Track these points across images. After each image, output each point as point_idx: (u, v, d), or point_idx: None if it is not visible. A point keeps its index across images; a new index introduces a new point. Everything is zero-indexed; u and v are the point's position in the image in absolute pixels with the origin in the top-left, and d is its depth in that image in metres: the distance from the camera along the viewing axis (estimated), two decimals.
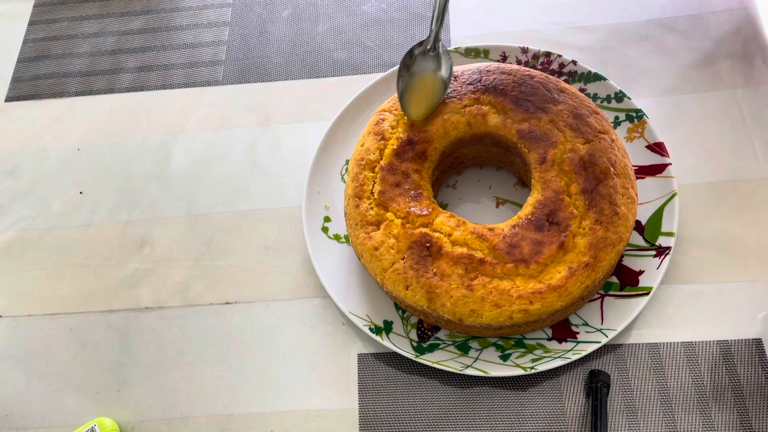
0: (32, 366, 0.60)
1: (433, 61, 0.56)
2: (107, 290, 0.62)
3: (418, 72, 0.56)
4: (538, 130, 0.54)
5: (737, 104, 0.62)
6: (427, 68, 0.56)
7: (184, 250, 0.63)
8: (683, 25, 0.67)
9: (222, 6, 0.76)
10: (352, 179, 0.56)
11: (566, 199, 0.51)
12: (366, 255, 0.53)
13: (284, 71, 0.71)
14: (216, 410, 0.56)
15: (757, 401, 0.51)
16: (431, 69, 0.56)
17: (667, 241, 0.55)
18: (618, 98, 0.61)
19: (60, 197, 0.67)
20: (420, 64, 0.56)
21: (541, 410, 0.53)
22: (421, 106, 0.55)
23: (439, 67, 0.56)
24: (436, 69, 0.56)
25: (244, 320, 0.59)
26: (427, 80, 0.56)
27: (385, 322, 0.56)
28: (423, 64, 0.56)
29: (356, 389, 0.55)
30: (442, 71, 0.56)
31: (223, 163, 0.67)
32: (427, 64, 0.56)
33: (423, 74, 0.56)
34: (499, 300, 0.49)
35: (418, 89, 0.56)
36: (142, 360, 0.59)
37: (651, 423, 0.52)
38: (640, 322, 0.55)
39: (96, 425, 0.55)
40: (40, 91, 0.74)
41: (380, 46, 0.71)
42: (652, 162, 0.58)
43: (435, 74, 0.56)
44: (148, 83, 0.72)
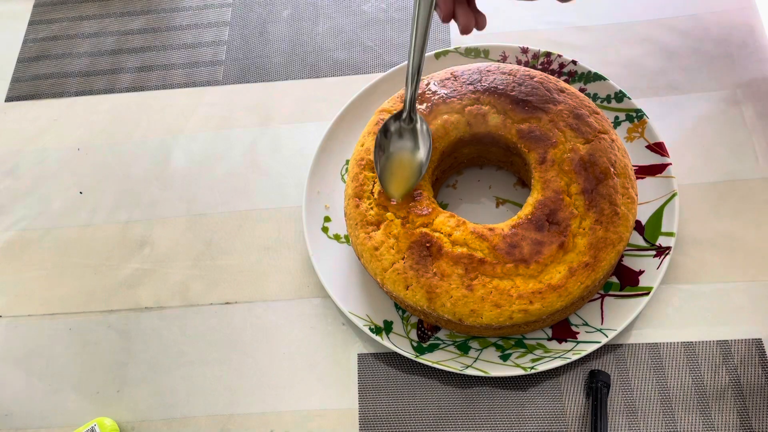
0: (32, 366, 0.60)
1: (410, 138, 0.53)
2: (107, 290, 0.62)
3: (395, 153, 0.53)
4: (538, 130, 0.54)
5: (737, 104, 0.62)
6: (403, 147, 0.53)
7: (184, 250, 0.63)
8: (683, 25, 0.67)
9: (222, 6, 0.76)
10: (352, 179, 0.56)
11: (566, 199, 0.51)
12: (366, 255, 0.53)
13: (284, 71, 0.71)
14: (216, 410, 0.56)
15: (757, 401, 0.51)
16: (408, 148, 0.53)
17: (667, 241, 0.55)
18: (618, 98, 0.61)
19: (60, 197, 0.67)
20: (396, 143, 0.53)
21: (541, 410, 0.53)
22: (401, 186, 0.52)
23: (416, 146, 0.53)
24: (413, 148, 0.53)
25: (244, 320, 0.59)
26: (405, 160, 0.53)
27: (385, 322, 0.56)
28: (399, 143, 0.53)
29: (356, 389, 0.55)
30: (420, 151, 0.53)
31: (223, 163, 0.67)
32: (404, 143, 0.53)
33: (400, 154, 0.53)
34: (499, 300, 0.49)
35: (397, 169, 0.53)
36: (142, 360, 0.59)
37: (651, 423, 0.52)
38: (640, 322, 0.55)
39: (96, 425, 0.55)
40: (40, 91, 0.74)
41: (380, 46, 0.71)
42: (652, 162, 0.58)
43: (413, 154, 0.53)
44: (148, 83, 0.72)
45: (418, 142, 0.53)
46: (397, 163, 0.53)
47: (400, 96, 0.58)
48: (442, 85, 0.57)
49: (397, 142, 0.53)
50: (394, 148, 0.53)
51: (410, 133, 0.53)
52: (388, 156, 0.53)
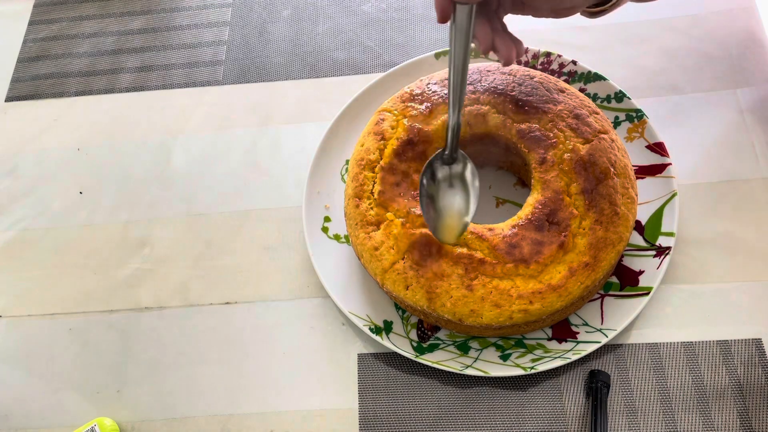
0: (32, 366, 0.60)
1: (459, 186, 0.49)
2: (107, 290, 0.62)
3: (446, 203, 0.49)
4: (538, 130, 0.54)
5: (737, 104, 0.62)
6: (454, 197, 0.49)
7: (184, 250, 0.63)
8: (683, 25, 0.67)
9: (222, 6, 0.76)
10: (352, 179, 0.56)
11: (566, 199, 0.51)
12: (366, 255, 0.53)
13: (284, 71, 0.71)
14: (216, 410, 0.56)
15: (757, 401, 0.51)
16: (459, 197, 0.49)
17: (667, 241, 0.55)
18: (618, 98, 0.61)
19: (60, 197, 0.67)
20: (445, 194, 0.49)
21: (541, 410, 0.53)
22: (454, 234, 0.50)
23: (466, 193, 0.49)
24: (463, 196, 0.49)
25: (244, 320, 0.59)
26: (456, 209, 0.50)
27: (385, 322, 0.56)
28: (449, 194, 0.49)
29: (356, 389, 0.55)
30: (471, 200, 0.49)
31: (223, 163, 0.67)
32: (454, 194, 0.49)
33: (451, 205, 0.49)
34: (499, 300, 0.49)
35: (449, 219, 0.49)
36: (142, 360, 0.59)
37: (651, 423, 0.52)
38: (640, 322, 0.55)
39: (96, 425, 0.55)
40: (40, 91, 0.74)
41: (380, 46, 0.71)
42: (652, 162, 0.58)
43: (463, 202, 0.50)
44: (148, 83, 0.72)
45: (468, 190, 0.50)
46: (448, 212, 0.50)
47: (400, 96, 0.58)
48: (442, 85, 0.57)
49: (447, 192, 0.50)
50: (444, 200, 0.50)
51: (459, 180, 0.50)
52: (439, 208, 0.50)
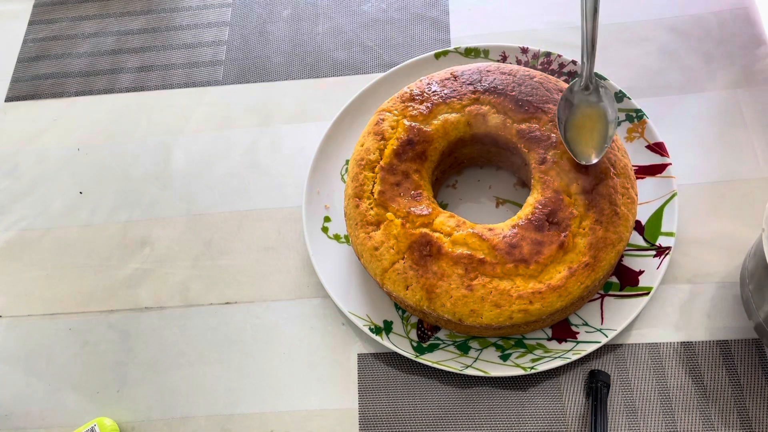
0: (32, 366, 0.60)
1: (596, 97, 0.53)
2: (107, 290, 0.62)
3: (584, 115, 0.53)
4: (538, 130, 0.54)
5: (737, 104, 0.62)
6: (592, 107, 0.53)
7: (184, 250, 0.63)
8: (683, 25, 0.67)
9: (222, 6, 0.76)
10: (352, 179, 0.56)
11: (566, 199, 0.51)
12: (366, 255, 0.53)
13: (284, 71, 0.71)
14: (216, 410, 0.56)
15: (757, 401, 0.51)
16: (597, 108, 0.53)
17: (667, 241, 0.55)
18: (618, 98, 0.61)
19: (60, 197, 0.67)
20: (583, 106, 0.53)
21: (541, 410, 0.53)
22: (595, 147, 0.52)
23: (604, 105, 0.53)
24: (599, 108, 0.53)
25: (244, 320, 0.59)
26: (595, 120, 0.52)
27: (385, 322, 0.56)
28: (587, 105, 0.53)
29: (356, 389, 0.55)
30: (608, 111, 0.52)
31: (223, 163, 0.67)
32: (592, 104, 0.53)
33: (590, 115, 0.52)
34: (499, 300, 0.49)
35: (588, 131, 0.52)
36: (142, 360, 0.59)
37: (651, 423, 0.52)
38: (640, 322, 0.55)
39: (96, 425, 0.55)
40: (40, 91, 0.74)
41: (380, 46, 0.71)
42: (652, 162, 0.58)
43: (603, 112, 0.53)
44: (148, 83, 0.72)
45: (605, 103, 0.53)
46: (588, 125, 0.52)
47: (400, 96, 0.58)
48: (442, 85, 0.57)
49: (585, 105, 0.53)
50: (582, 110, 0.53)
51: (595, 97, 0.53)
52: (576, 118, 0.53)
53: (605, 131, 0.52)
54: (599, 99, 0.53)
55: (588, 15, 0.50)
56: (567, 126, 0.52)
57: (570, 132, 0.52)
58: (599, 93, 0.53)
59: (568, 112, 0.53)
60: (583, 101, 0.53)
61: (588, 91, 0.53)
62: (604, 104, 0.53)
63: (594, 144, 0.52)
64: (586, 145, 0.52)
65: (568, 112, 0.53)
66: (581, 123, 0.53)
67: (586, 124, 0.53)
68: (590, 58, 0.52)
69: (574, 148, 0.52)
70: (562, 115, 0.53)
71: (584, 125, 0.53)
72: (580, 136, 0.52)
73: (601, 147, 0.52)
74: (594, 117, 0.53)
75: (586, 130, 0.52)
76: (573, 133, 0.52)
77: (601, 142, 0.52)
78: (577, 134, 0.52)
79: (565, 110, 0.53)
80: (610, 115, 0.53)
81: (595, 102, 0.53)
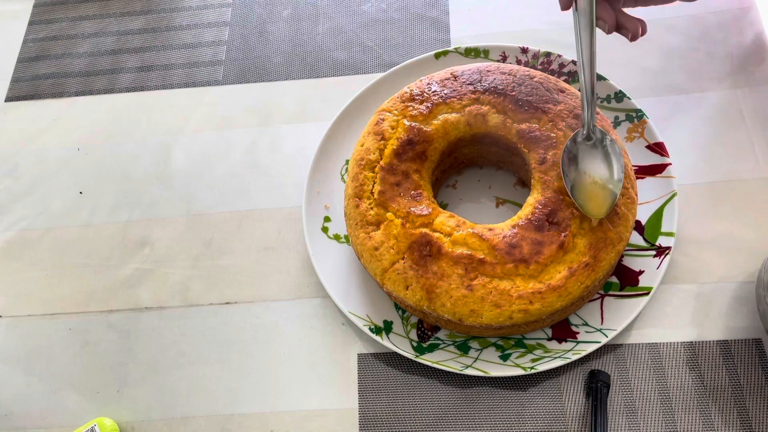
0: (32, 366, 0.60)
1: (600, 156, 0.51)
2: (107, 290, 0.62)
3: (587, 174, 0.51)
4: (538, 130, 0.54)
5: (737, 104, 0.62)
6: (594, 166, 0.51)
7: (184, 250, 0.63)
8: (683, 25, 0.67)
9: (222, 6, 0.76)
10: (352, 179, 0.56)
11: (566, 199, 0.51)
12: (366, 255, 0.53)
13: (284, 71, 0.71)
14: (216, 410, 0.56)
15: (757, 401, 0.51)
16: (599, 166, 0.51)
17: (667, 241, 0.55)
18: (618, 98, 0.61)
19: (60, 197, 0.67)
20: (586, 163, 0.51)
21: (541, 410, 0.53)
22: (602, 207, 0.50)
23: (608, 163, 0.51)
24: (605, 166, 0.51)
25: (244, 320, 0.59)
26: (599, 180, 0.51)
27: (385, 322, 0.56)
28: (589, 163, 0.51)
29: (356, 389, 0.55)
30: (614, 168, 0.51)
31: (223, 163, 0.67)
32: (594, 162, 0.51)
33: (592, 174, 0.51)
34: (499, 300, 0.49)
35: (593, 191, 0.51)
36: (142, 360, 0.59)
37: (651, 423, 0.52)
38: (640, 322, 0.55)
39: (96, 425, 0.55)
40: (40, 91, 0.74)
41: (380, 46, 0.71)
42: (652, 162, 0.58)
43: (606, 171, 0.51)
44: (148, 83, 0.72)
45: (611, 159, 0.51)
46: (594, 186, 0.51)
47: (400, 96, 0.58)
48: (442, 85, 0.57)
49: (589, 160, 0.51)
50: (587, 168, 0.51)
51: (600, 151, 0.52)
52: (580, 178, 0.51)
53: (612, 191, 0.51)
54: (604, 152, 0.51)
55: (585, 65, 0.50)
56: (574, 186, 0.51)
57: (577, 191, 0.51)
58: (604, 143, 0.52)
59: (573, 170, 0.51)
60: (588, 159, 0.51)
61: (590, 141, 0.52)
62: (610, 161, 0.51)
63: (601, 203, 0.50)
64: (595, 205, 0.50)
65: (574, 167, 0.51)
66: (588, 183, 0.51)
67: (592, 185, 0.51)
68: (590, 106, 0.51)
69: (584, 207, 0.50)
70: (567, 171, 0.51)
71: (591, 185, 0.51)
72: (587, 195, 0.51)
73: (609, 205, 0.50)
74: (599, 177, 0.51)
75: (594, 191, 0.51)
76: (580, 193, 0.51)
77: (610, 201, 0.50)
78: (584, 193, 0.51)
79: (569, 165, 0.51)
80: (615, 174, 0.51)
81: (600, 160, 0.51)
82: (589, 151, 0.52)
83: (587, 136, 0.52)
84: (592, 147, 0.52)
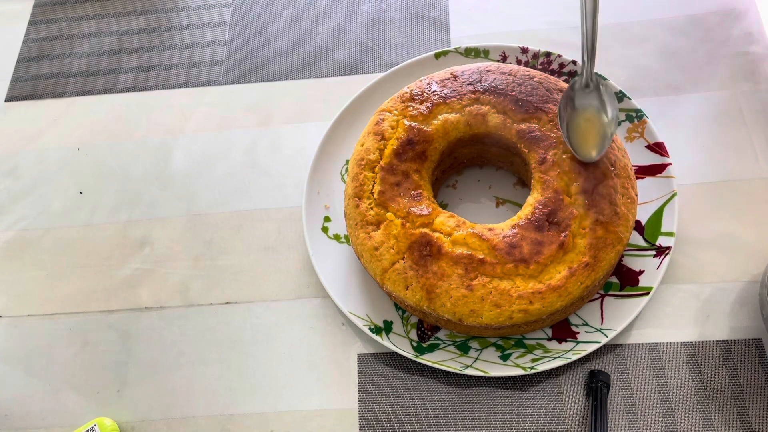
0: (32, 366, 0.60)
1: (596, 98, 0.54)
2: (107, 290, 0.62)
3: (583, 114, 0.53)
4: (538, 130, 0.54)
5: (737, 104, 0.62)
6: (591, 107, 0.53)
7: (184, 250, 0.63)
8: (683, 25, 0.67)
9: (222, 6, 0.76)
10: (352, 179, 0.56)
11: (566, 199, 0.51)
12: (366, 255, 0.53)
13: (284, 71, 0.71)
14: (216, 410, 0.56)
15: (757, 401, 0.51)
16: (595, 107, 0.53)
17: (667, 241, 0.55)
18: (618, 98, 0.61)
19: (60, 197, 0.67)
20: (582, 104, 0.53)
21: (541, 410, 0.53)
22: (595, 146, 0.52)
23: (603, 105, 0.53)
24: (598, 107, 0.53)
25: (244, 320, 0.59)
26: (594, 120, 0.53)
27: (385, 322, 0.56)
28: (586, 104, 0.53)
29: (356, 389, 0.55)
30: (607, 110, 0.53)
31: (223, 163, 0.67)
32: (590, 103, 0.53)
33: (588, 115, 0.53)
34: (499, 300, 0.49)
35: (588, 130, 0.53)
36: (142, 360, 0.59)
37: (651, 423, 0.52)
38: (640, 322, 0.55)
39: (96, 425, 0.55)
40: (40, 91, 0.74)
41: (380, 46, 0.71)
42: (652, 162, 0.58)
43: (600, 112, 0.53)
44: (148, 83, 0.72)
45: (605, 102, 0.53)
46: (589, 124, 0.53)
47: (400, 96, 0.58)
48: (442, 85, 0.57)
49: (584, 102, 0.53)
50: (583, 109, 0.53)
51: (596, 95, 0.54)
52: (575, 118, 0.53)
53: (605, 130, 0.53)
54: (600, 98, 0.53)
55: (588, 14, 0.51)
56: (568, 125, 0.53)
57: (571, 131, 0.53)
58: (599, 91, 0.54)
59: (569, 110, 0.53)
60: (584, 100, 0.54)
61: (588, 89, 0.53)
62: (604, 103, 0.53)
63: (595, 143, 0.52)
64: (587, 143, 0.52)
65: (570, 110, 0.53)
66: (582, 122, 0.53)
67: (586, 123, 0.53)
68: (590, 56, 0.52)
69: (576, 147, 0.52)
70: (564, 113, 0.53)
71: (585, 124, 0.53)
72: (581, 134, 0.53)
73: (601, 145, 0.52)
74: (594, 116, 0.53)
75: (587, 129, 0.53)
76: (574, 132, 0.53)
77: (602, 140, 0.52)
78: (578, 133, 0.53)
79: (566, 109, 0.53)
80: (609, 113, 0.53)
81: (596, 101, 0.54)
82: (586, 95, 0.54)
83: (585, 84, 0.53)
84: (589, 93, 0.54)
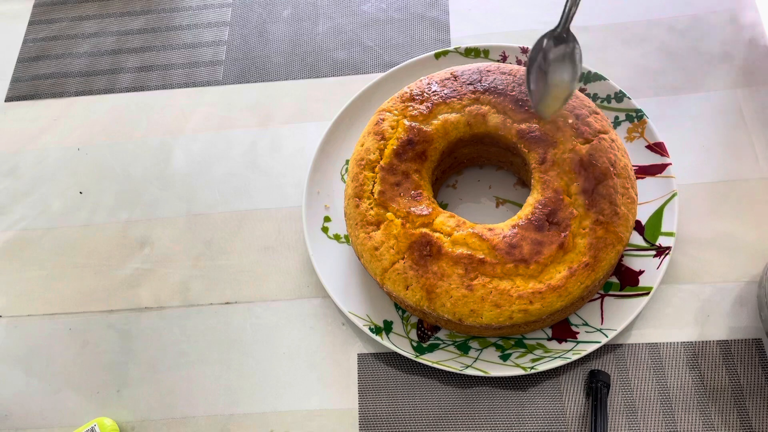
0: (32, 366, 0.60)
1: (569, 61, 0.53)
2: (107, 290, 0.62)
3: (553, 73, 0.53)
4: (538, 131, 0.54)
5: (737, 104, 0.62)
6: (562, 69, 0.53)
7: (184, 250, 0.63)
8: (683, 25, 0.67)
9: (222, 6, 0.76)
10: (352, 179, 0.56)
11: (566, 199, 0.51)
12: (366, 255, 0.53)
13: (284, 71, 0.71)
14: (216, 410, 0.56)
15: (757, 401, 0.51)
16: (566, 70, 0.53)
17: (667, 241, 0.55)
18: (618, 98, 0.61)
19: (60, 197, 0.67)
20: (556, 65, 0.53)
21: (541, 410, 0.53)
22: (554, 106, 0.53)
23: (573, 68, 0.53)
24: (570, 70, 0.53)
25: (244, 320, 0.59)
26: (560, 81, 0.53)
27: (385, 322, 0.56)
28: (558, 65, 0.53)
29: (356, 389, 0.55)
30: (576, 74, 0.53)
31: (223, 163, 0.67)
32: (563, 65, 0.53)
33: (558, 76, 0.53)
34: (499, 300, 0.49)
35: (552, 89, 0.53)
36: (142, 360, 0.59)
37: (651, 423, 0.52)
38: (640, 322, 0.55)
39: (96, 425, 0.55)
40: (40, 91, 0.74)
41: (380, 46, 0.71)
42: (652, 162, 0.58)
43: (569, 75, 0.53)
44: (148, 83, 0.72)
45: (576, 65, 0.53)
46: (553, 83, 0.53)
47: (400, 96, 0.58)
48: (442, 85, 0.57)
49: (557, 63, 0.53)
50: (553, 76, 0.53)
51: (569, 57, 0.53)
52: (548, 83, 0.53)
53: (570, 87, 0.52)
54: (572, 54, 0.53)
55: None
56: (537, 76, 0.52)
57: (537, 82, 0.53)
58: (573, 47, 0.52)
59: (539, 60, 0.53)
60: (557, 52, 0.53)
61: (564, 44, 0.52)
62: (574, 60, 0.53)
63: (556, 98, 0.52)
64: (548, 97, 0.52)
65: (540, 60, 0.53)
66: (550, 75, 0.53)
67: (553, 77, 0.53)
68: (574, 3, 0.51)
69: (536, 100, 0.52)
70: (533, 64, 0.53)
71: (552, 78, 0.53)
72: (545, 87, 0.53)
73: (561, 103, 0.52)
74: (562, 71, 0.53)
75: (553, 83, 0.53)
76: (539, 84, 0.53)
77: (564, 98, 0.52)
78: (542, 86, 0.53)
79: (536, 58, 0.53)
80: (576, 72, 0.52)
81: (568, 58, 0.53)
82: (560, 48, 0.53)
83: (559, 36, 0.52)
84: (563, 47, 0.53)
